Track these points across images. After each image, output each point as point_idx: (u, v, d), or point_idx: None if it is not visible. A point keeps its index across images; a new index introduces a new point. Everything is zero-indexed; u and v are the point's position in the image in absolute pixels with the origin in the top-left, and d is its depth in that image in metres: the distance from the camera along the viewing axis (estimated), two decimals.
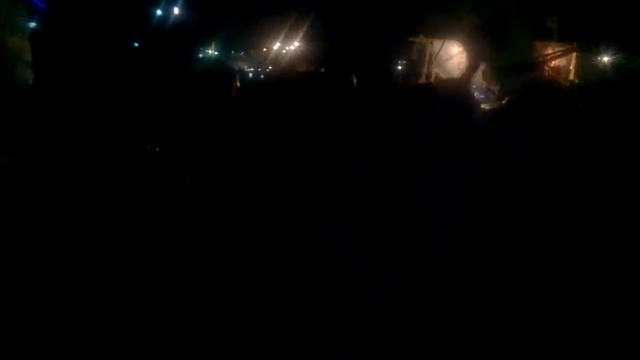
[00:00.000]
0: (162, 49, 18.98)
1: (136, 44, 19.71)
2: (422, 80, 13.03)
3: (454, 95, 3.66)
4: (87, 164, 6.71)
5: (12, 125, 8.61)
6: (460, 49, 14.95)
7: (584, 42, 14.26)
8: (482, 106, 12.62)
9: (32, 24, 15.28)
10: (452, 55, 15.62)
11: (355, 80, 8.61)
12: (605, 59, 14.20)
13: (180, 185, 5.37)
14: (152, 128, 9.26)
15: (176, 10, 20.98)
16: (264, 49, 27.97)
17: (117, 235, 4.54)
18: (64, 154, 7.14)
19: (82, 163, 6.72)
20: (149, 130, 9.12)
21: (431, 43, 16.03)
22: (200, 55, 27.21)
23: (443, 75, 13.18)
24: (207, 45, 28.23)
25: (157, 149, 7.92)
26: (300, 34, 22.19)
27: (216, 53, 29.73)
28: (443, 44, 15.70)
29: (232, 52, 31.30)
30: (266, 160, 4.75)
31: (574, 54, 14.72)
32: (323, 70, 15.33)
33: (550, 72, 14.52)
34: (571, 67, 14.74)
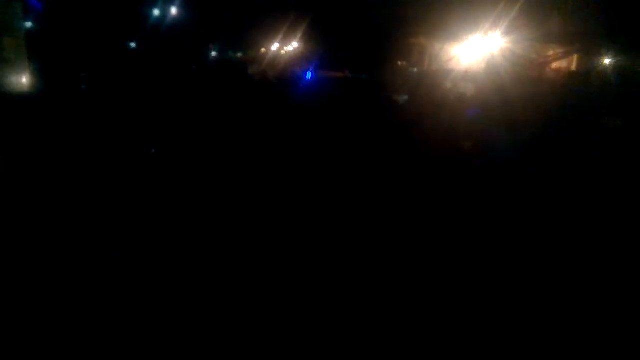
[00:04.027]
0: (159, 49, 18.85)
1: (133, 44, 19.59)
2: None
3: None
4: (84, 160, 6.66)
5: (7, 125, 8.50)
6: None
7: (586, 44, 14.20)
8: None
9: (29, 24, 15.16)
10: (452, 57, 15.58)
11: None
12: (607, 61, 14.14)
13: None
14: (152, 127, 9.20)
15: (173, 11, 20.82)
16: (263, 50, 27.81)
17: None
18: (60, 152, 7.06)
19: (78, 160, 6.66)
20: (148, 129, 9.06)
21: (431, 45, 16.00)
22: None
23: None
24: (206, 45, 28.07)
25: (156, 148, 7.88)
26: (299, 35, 22.09)
27: (214, 53, 29.55)
28: (443, 45, 15.67)
29: (230, 52, 31.10)
30: None
31: (575, 56, 14.66)
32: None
33: (550, 74, 14.47)
34: (572, 70, 14.69)
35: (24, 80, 12.41)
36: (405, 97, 11.44)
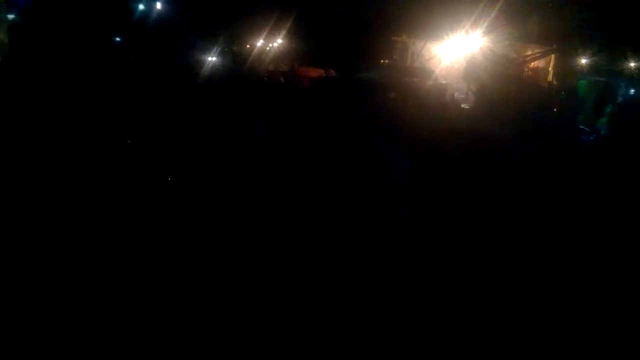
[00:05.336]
0: (143, 44, 18.76)
1: (117, 39, 19.46)
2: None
3: None
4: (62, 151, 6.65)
5: None
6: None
7: (563, 44, 14.52)
8: (462, 105, 12.79)
9: (11, 16, 15.01)
10: (434, 55, 15.80)
11: None
12: (583, 61, 14.49)
13: None
14: (131, 120, 9.19)
15: (159, 6, 20.73)
16: (248, 46, 27.76)
17: None
18: (39, 144, 7.05)
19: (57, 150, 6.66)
20: (128, 122, 9.06)
21: (413, 43, 16.20)
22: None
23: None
24: (189, 41, 27.90)
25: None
26: (284, 31, 22.13)
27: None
28: (425, 44, 15.89)
29: (215, 48, 30.91)
30: None
31: (553, 56, 14.98)
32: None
33: (529, 73, 14.77)
34: (550, 69, 15.01)
35: (6, 74, 12.34)
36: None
